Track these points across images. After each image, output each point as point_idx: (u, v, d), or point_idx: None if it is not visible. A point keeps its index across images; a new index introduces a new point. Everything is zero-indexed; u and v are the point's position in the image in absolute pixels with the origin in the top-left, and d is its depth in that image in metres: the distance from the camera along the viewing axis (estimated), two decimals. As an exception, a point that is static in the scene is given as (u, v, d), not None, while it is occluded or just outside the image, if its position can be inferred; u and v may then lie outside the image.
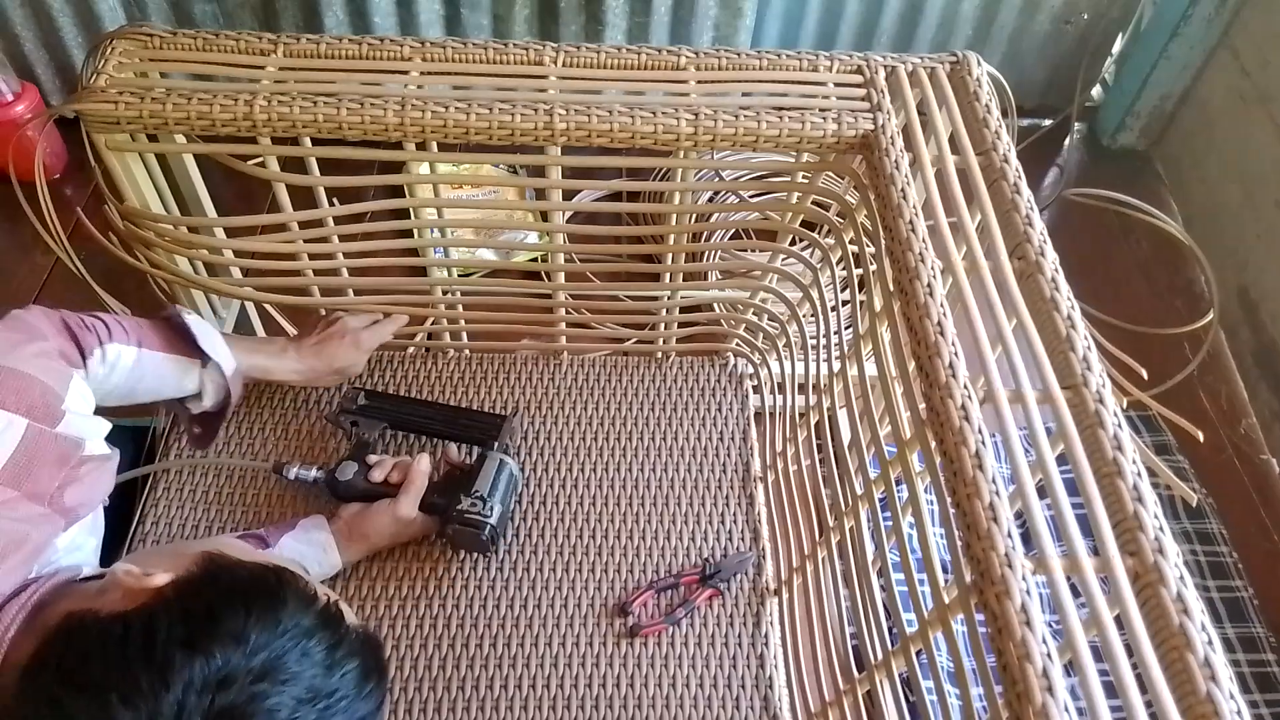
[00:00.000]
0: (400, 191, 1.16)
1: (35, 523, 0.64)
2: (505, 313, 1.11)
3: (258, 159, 0.88)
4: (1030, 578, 0.52)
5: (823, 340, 0.96)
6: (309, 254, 0.98)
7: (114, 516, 0.79)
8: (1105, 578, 0.52)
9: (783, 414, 1.08)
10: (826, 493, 0.96)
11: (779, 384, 1.10)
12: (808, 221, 0.99)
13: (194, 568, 0.59)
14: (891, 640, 0.75)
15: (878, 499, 0.79)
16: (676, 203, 0.96)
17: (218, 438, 0.96)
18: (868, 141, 0.82)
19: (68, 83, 1.59)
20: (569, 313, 1.10)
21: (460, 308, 1.10)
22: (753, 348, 1.15)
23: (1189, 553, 1.21)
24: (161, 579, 0.58)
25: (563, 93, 0.83)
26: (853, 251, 0.90)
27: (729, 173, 1.45)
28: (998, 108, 0.81)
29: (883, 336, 0.79)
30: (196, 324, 0.84)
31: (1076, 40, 1.65)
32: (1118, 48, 1.71)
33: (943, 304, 0.66)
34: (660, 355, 1.16)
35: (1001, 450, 0.60)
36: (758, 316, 1.13)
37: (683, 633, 0.95)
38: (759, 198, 1.02)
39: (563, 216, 1.01)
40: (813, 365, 1.01)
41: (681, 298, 1.09)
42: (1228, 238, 1.48)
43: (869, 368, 0.84)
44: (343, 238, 0.98)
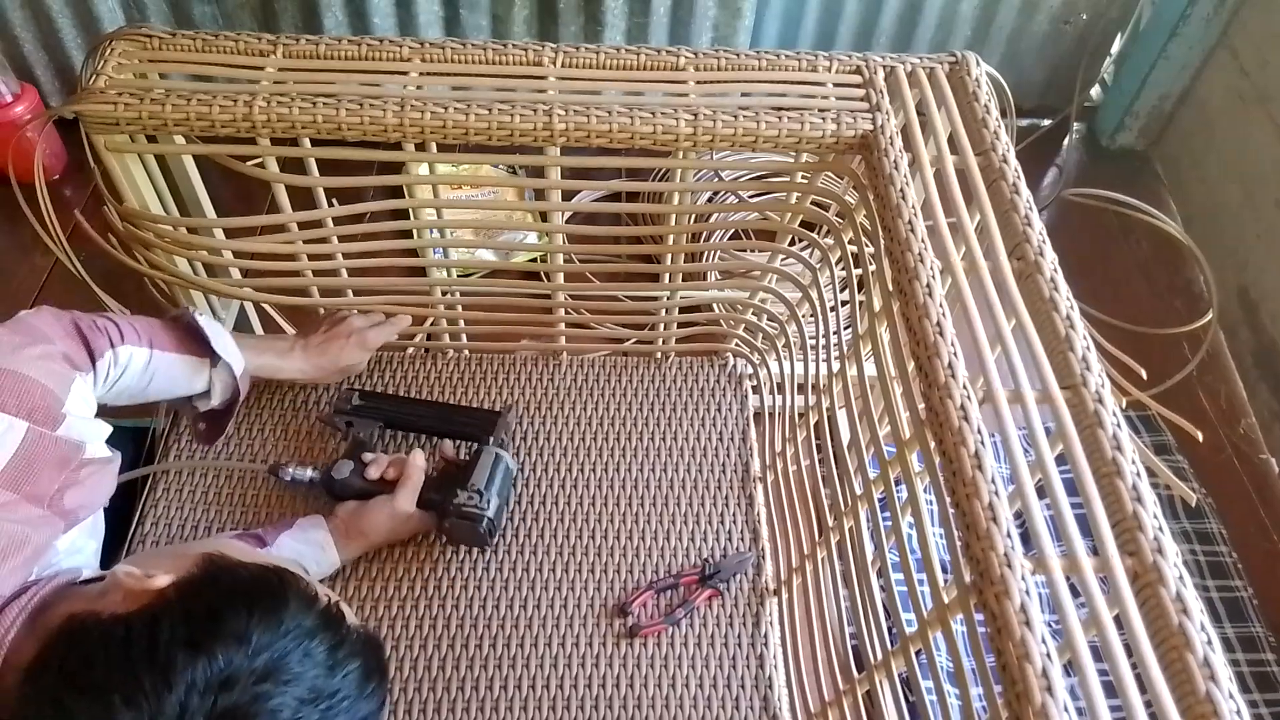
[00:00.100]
0: (399, 192, 1.17)
1: (35, 525, 0.64)
2: (505, 313, 1.11)
3: (257, 160, 0.88)
4: (1029, 578, 0.52)
5: (822, 340, 0.96)
6: (308, 255, 0.98)
7: (113, 518, 0.79)
8: (1104, 578, 0.52)
9: (782, 414, 1.08)
10: (826, 493, 0.96)
11: (778, 384, 1.10)
12: (807, 222, 0.99)
13: (195, 569, 0.59)
14: (891, 640, 0.75)
15: (877, 499, 0.79)
16: (676, 203, 0.96)
17: (224, 434, 0.96)
18: (867, 142, 0.82)
19: (67, 84, 1.59)
20: (568, 313, 1.10)
21: (460, 308, 1.10)
22: (752, 348, 1.15)
23: (1188, 552, 1.21)
24: (163, 580, 0.58)
25: (562, 93, 0.84)
26: (852, 252, 0.90)
27: (728, 173, 1.45)
28: (997, 108, 0.81)
29: (882, 337, 0.79)
30: (208, 324, 0.85)
31: (1075, 40, 1.65)
32: (1116, 48, 1.72)
33: (942, 304, 0.66)
34: (660, 355, 1.16)
35: (1001, 450, 0.60)
36: (757, 317, 1.13)
37: (682, 633, 0.95)
38: (758, 198, 1.02)
39: (562, 217, 1.01)
40: (812, 365, 1.01)
41: (681, 298, 1.09)
42: (1227, 238, 1.48)
43: (868, 368, 0.84)
44: (342, 238, 0.98)
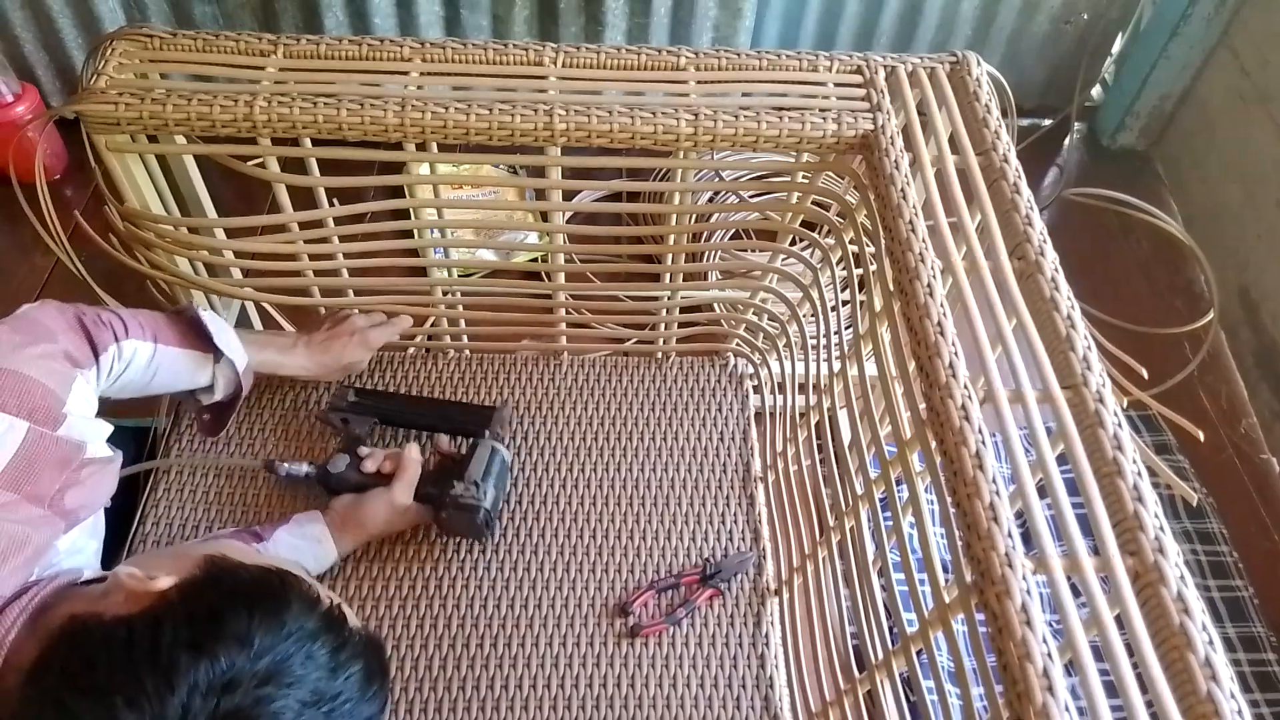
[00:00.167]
0: (400, 192, 1.16)
1: (35, 525, 0.64)
2: (505, 313, 1.11)
3: (258, 160, 0.88)
4: (1030, 577, 0.52)
5: (823, 340, 0.96)
6: (309, 255, 0.98)
7: (114, 517, 0.79)
8: (1105, 577, 0.52)
9: (783, 414, 1.08)
10: (827, 492, 0.96)
11: (779, 384, 1.10)
12: (808, 222, 0.99)
13: (197, 571, 0.59)
14: (892, 640, 0.75)
15: (878, 499, 0.79)
16: (676, 203, 0.96)
17: (227, 428, 0.96)
18: (867, 141, 0.82)
19: (68, 84, 1.59)
20: (569, 313, 1.10)
21: (460, 308, 1.10)
22: (753, 348, 1.15)
23: (1189, 552, 1.21)
24: (165, 582, 0.58)
25: (562, 93, 0.84)
26: (853, 251, 0.90)
27: (729, 173, 1.45)
28: (997, 108, 0.81)
29: (883, 336, 0.79)
30: (211, 320, 0.85)
31: (1076, 40, 1.65)
32: (1117, 48, 1.71)
33: (943, 304, 0.66)
34: (660, 355, 1.16)
35: (1002, 450, 0.60)
36: (758, 316, 1.13)
37: (683, 633, 0.95)
38: (759, 198, 1.02)
39: (563, 217, 1.01)
40: (813, 365, 1.01)
41: (681, 298, 1.09)
42: (1228, 237, 1.48)
43: (869, 368, 0.84)
44: (343, 238, 0.98)
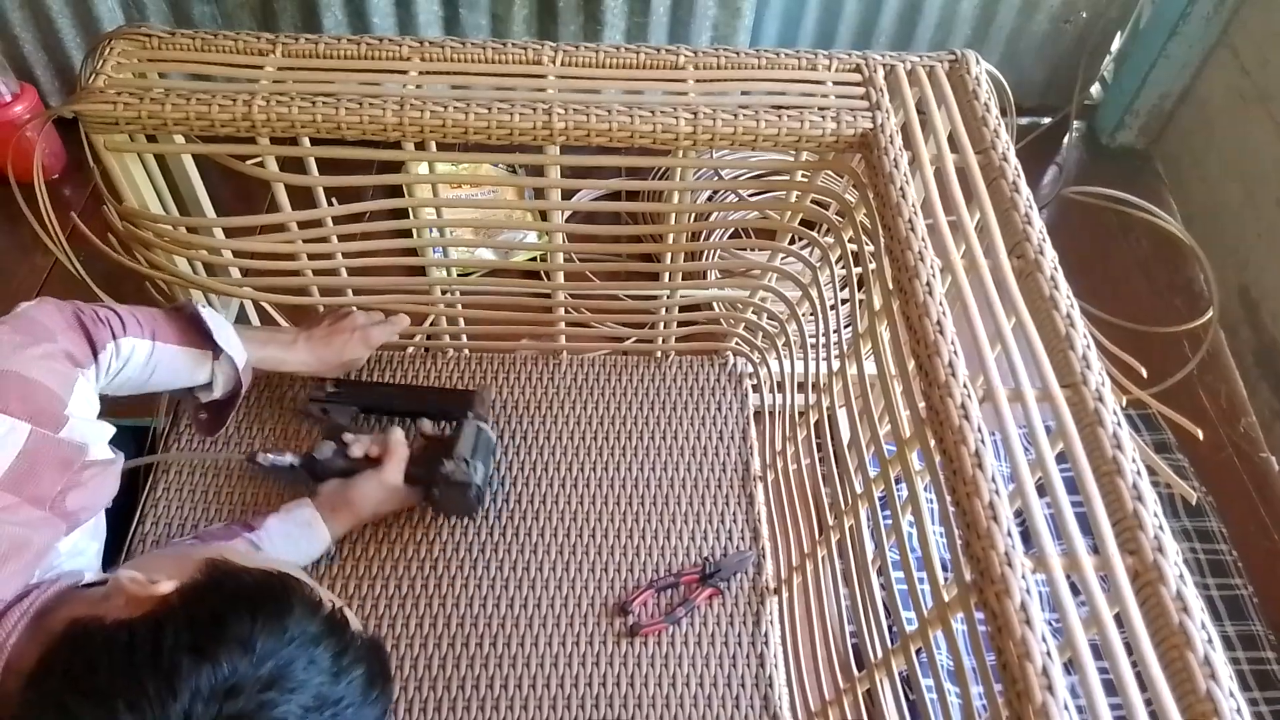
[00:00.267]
0: (399, 191, 1.16)
1: (36, 527, 0.64)
2: (504, 312, 1.11)
3: (256, 159, 0.88)
4: (1030, 576, 0.52)
5: (822, 339, 0.96)
6: (308, 254, 0.98)
7: (113, 518, 0.79)
8: (1105, 576, 0.52)
9: (782, 413, 1.08)
10: (826, 491, 0.96)
11: (778, 383, 1.10)
12: (807, 220, 0.99)
13: (198, 574, 0.59)
14: (891, 639, 0.75)
15: (877, 498, 0.79)
16: (676, 202, 0.96)
17: (225, 426, 0.96)
18: (867, 140, 0.82)
19: (66, 83, 1.59)
20: (568, 312, 1.10)
21: (459, 307, 1.10)
22: (752, 347, 1.15)
23: (1188, 551, 1.21)
24: (166, 586, 0.57)
25: (561, 92, 0.83)
26: (852, 250, 0.90)
27: (728, 172, 1.45)
28: (996, 106, 0.81)
29: (882, 335, 0.79)
30: (210, 317, 0.84)
31: (1075, 39, 1.65)
32: (1116, 46, 1.71)
33: (942, 303, 0.66)
34: (660, 354, 1.16)
35: (1001, 449, 0.60)
36: (757, 315, 1.13)
37: (683, 632, 0.95)
38: (758, 197, 1.02)
39: (562, 216, 1.01)
40: (812, 364, 1.01)
41: (681, 297, 1.09)
42: (1228, 236, 1.48)
43: (868, 366, 0.84)
44: (342, 238, 0.98)
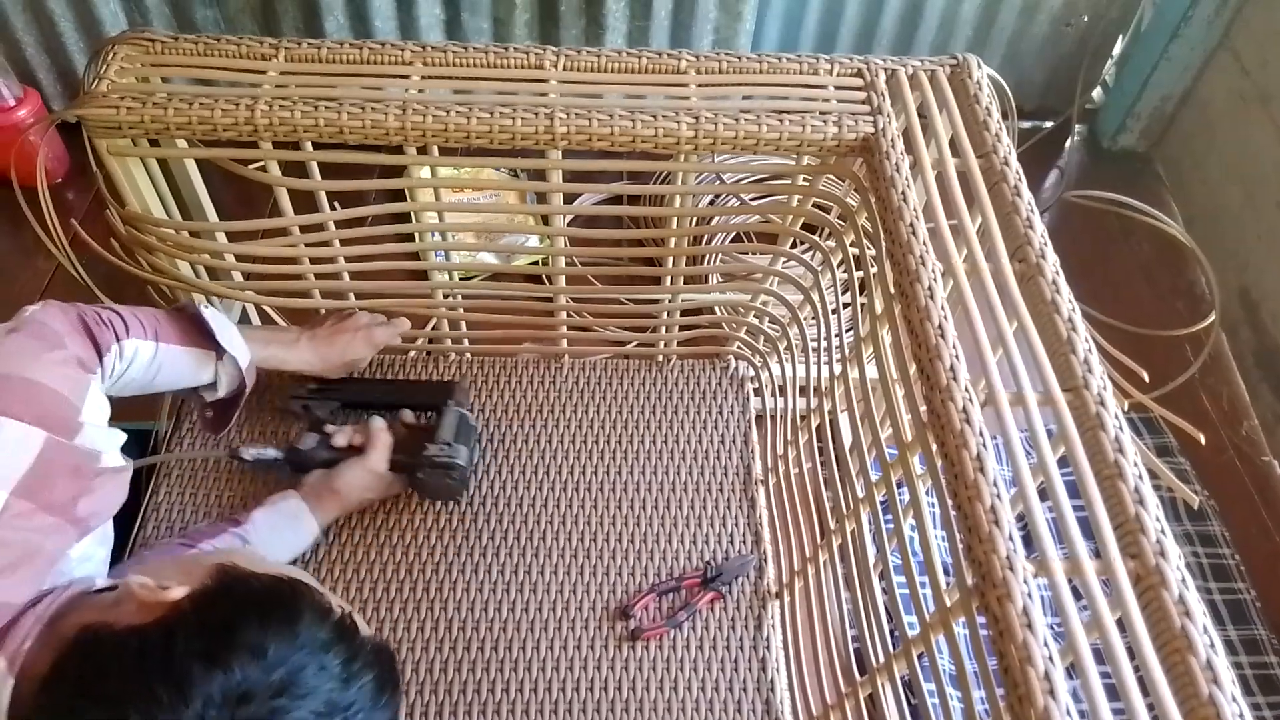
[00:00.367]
0: (401, 195, 1.16)
1: (50, 534, 0.64)
2: (506, 316, 1.11)
3: (259, 163, 0.88)
4: (1032, 580, 0.52)
5: (824, 343, 0.96)
6: (310, 258, 0.98)
7: (115, 522, 0.79)
8: (1107, 580, 0.52)
9: (784, 417, 1.08)
10: (828, 495, 0.96)
11: (780, 386, 1.10)
12: (808, 224, 0.99)
13: (208, 580, 0.59)
14: (893, 643, 0.75)
15: (879, 502, 0.79)
16: (677, 206, 0.96)
17: (230, 424, 0.96)
18: (868, 144, 0.82)
19: (69, 88, 1.59)
20: (570, 316, 1.10)
21: (461, 311, 1.10)
22: (754, 350, 1.15)
23: (1191, 555, 1.20)
24: (177, 592, 0.57)
25: (563, 96, 0.84)
26: (853, 254, 0.90)
27: (729, 176, 1.44)
28: (998, 110, 0.81)
29: (884, 339, 0.79)
30: (213, 317, 0.84)
31: (1076, 42, 1.65)
32: (1118, 49, 1.71)
33: (943, 306, 0.66)
34: (661, 358, 1.16)
35: (1003, 453, 0.60)
36: (758, 319, 1.13)
37: (684, 636, 0.95)
38: (759, 200, 1.02)
39: (563, 220, 1.01)
40: (814, 368, 1.01)
41: (682, 301, 1.09)
42: (1229, 239, 1.48)
43: (870, 370, 0.84)
44: (344, 241, 0.98)
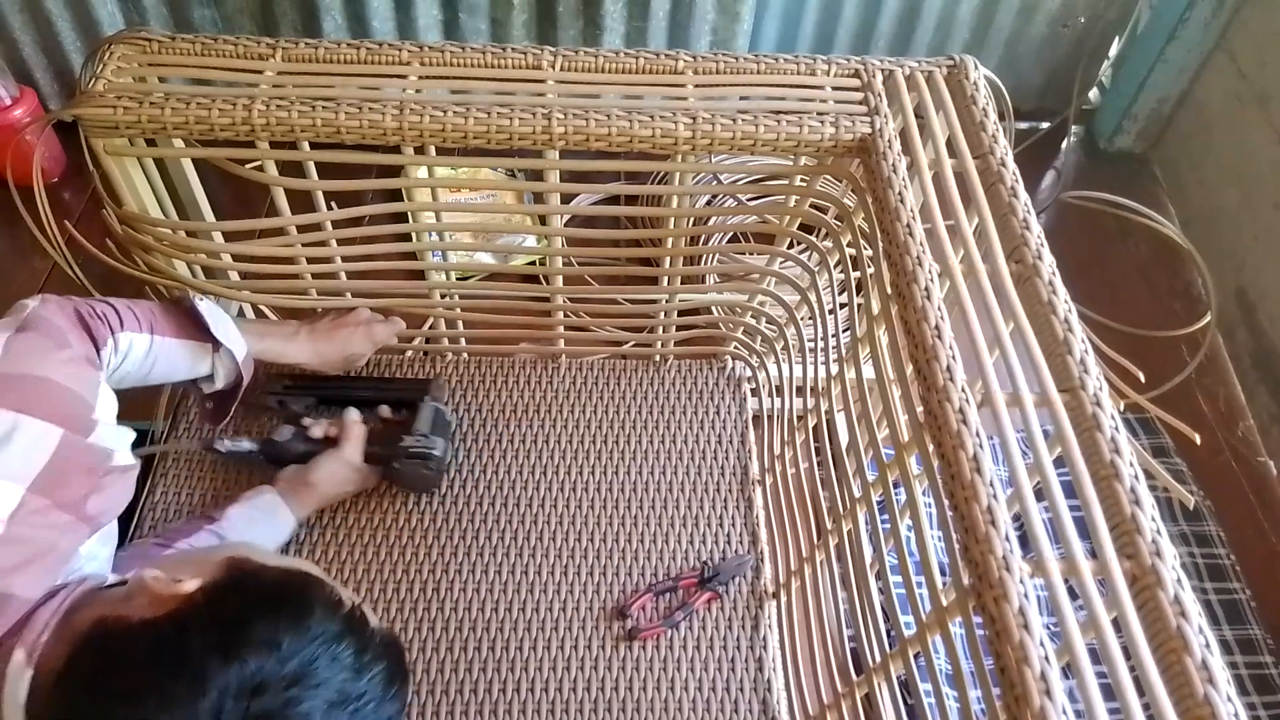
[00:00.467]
0: (399, 195, 1.16)
1: (63, 531, 0.65)
2: (503, 316, 1.11)
3: (256, 163, 0.88)
4: (1028, 581, 0.52)
5: (820, 343, 0.96)
6: (307, 258, 0.98)
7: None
8: (1103, 580, 0.53)
9: (781, 417, 1.08)
10: (825, 496, 0.96)
11: (777, 387, 1.10)
12: (805, 225, 0.99)
13: (220, 573, 0.60)
14: (890, 643, 0.75)
15: (876, 502, 0.79)
16: (674, 206, 0.97)
17: (229, 415, 0.96)
18: (865, 145, 0.82)
19: (66, 87, 1.59)
20: (567, 316, 1.10)
21: (458, 311, 1.10)
22: (751, 351, 1.15)
23: (1186, 555, 1.21)
24: (190, 585, 0.58)
25: (561, 97, 0.84)
26: (850, 255, 0.90)
27: (727, 176, 1.45)
28: (995, 111, 0.81)
29: (880, 339, 0.79)
30: (209, 310, 0.84)
31: (1073, 43, 1.65)
32: (1114, 51, 1.72)
33: (940, 307, 0.66)
34: (658, 358, 1.16)
35: (999, 453, 0.60)
36: (756, 319, 1.13)
37: (681, 636, 0.95)
38: (757, 201, 1.02)
39: (561, 220, 1.01)
40: (810, 368, 1.01)
41: (680, 301, 1.09)
42: (1225, 240, 1.48)
43: (867, 371, 0.84)
44: (341, 241, 0.98)
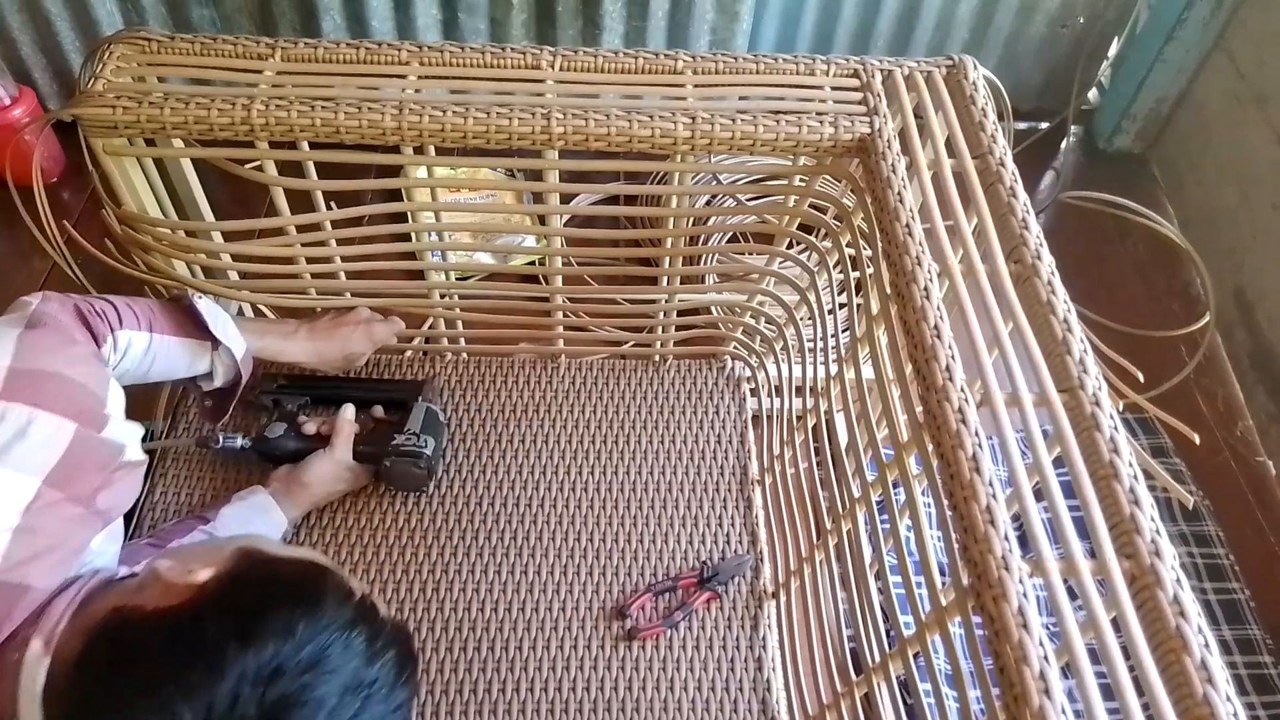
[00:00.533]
0: (398, 195, 1.16)
1: (76, 524, 0.66)
2: (503, 316, 1.11)
3: (255, 163, 0.88)
4: (1027, 580, 0.52)
5: (820, 343, 0.96)
6: (306, 258, 0.98)
7: None
8: (1102, 580, 0.53)
9: (780, 417, 1.08)
10: (824, 496, 0.96)
11: (776, 387, 1.10)
12: (805, 225, 0.99)
13: (233, 563, 0.60)
14: (889, 643, 0.75)
15: (875, 502, 0.79)
16: (674, 206, 0.97)
17: (228, 413, 0.96)
18: (864, 145, 0.82)
19: (65, 87, 1.58)
20: (566, 316, 1.10)
21: (458, 311, 1.10)
22: (750, 351, 1.15)
23: (1185, 555, 1.21)
24: (204, 574, 0.59)
25: (560, 96, 0.84)
26: (850, 255, 0.90)
27: (726, 176, 1.45)
28: (994, 111, 0.81)
29: (880, 339, 0.79)
30: (207, 308, 0.85)
31: (1072, 44, 1.65)
32: (1113, 51, 1.72)
33: (939, 307, 0.66)
34: (658, 358, 1.16)
35: (998, 453, 0.60)
36: (755, 319, 1.13)
37: (680, 636, 0.95)
38: (756, 201, 1.02)
39: (560, 220, 1.01)
40: (810, 368, 1.01)
41: (679, 301, 1.09)
42: (1224, 240, 1.48)
43: (866, 371, 0.84)
44: (340, 241, 0.98)
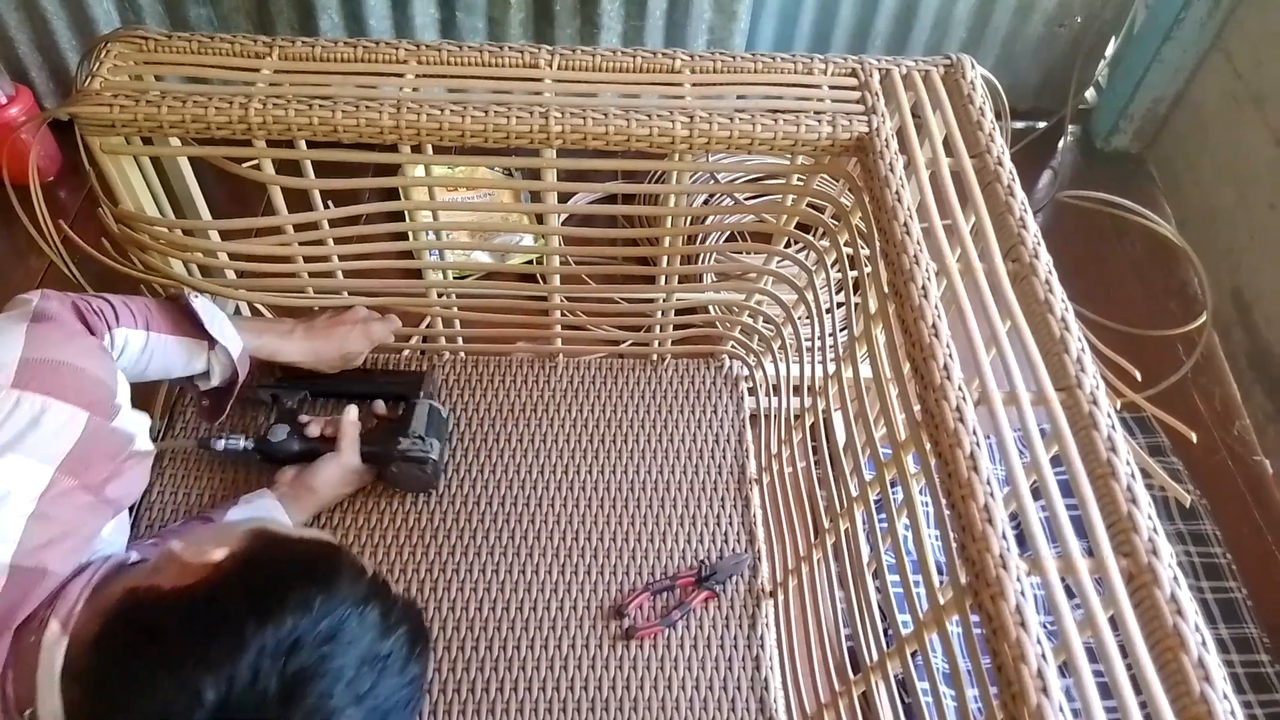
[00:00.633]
0: (395, 194, 1.16)
1: (88, 512, 0.68)
2: (501, 315, 1.11)
3: (252, 162, 0.87)
4: (1025, 579, 0.52)
5: (818, 342, 0.96)
6: (304, 256, 0.98)
7: None
8: (1100, 579, 0.53)
9: (778, 416, 1.08)
10: (822, 495, 0.96)
11: (774, 386, 1.10)
12: (803, 224, 0.99)
13: (247, 542, 0.62)
14: (887, 642, 0.75)
15: (873, 501, 0.79)
16: (671, 205, 0.97)
17: (225, 412, 0.96)
18: (862, 144, 0.82)
19: (62, 86, 1.58)
20: (564, 315, 1.10)
21: (455, 310, 1.10)
22: (748, 350, 1.15)
23: (1183, 554, 1.21)
24: (219, 554, 0.60)
25: (558, 95, 0.84)
26: (847, 254, 0.90)
27: (724, 175, 1.45)
28: (991, 110, 0.82)
29: (877, 338, 0.79)
30: (204, 307, 0.85)
31: (1070, 43, 1.66)
32: (1111, 50, 1.72)
33: (937, 306, 0.67)
34: (655, 357, 1.16)
35: (996, 452, 0.60)
36: (753, 319, 1.13)
37: (678, 635, 0.95)
38: (754, 200, 1.02)
39: (558, 219, 1.01)
40: (808, 367, 1.01)
41: (677, 300, 1.09)
42: (1221, 239, 1.48)
43: (864, 370, 0.84)
44: (338, 240, 0.98)
